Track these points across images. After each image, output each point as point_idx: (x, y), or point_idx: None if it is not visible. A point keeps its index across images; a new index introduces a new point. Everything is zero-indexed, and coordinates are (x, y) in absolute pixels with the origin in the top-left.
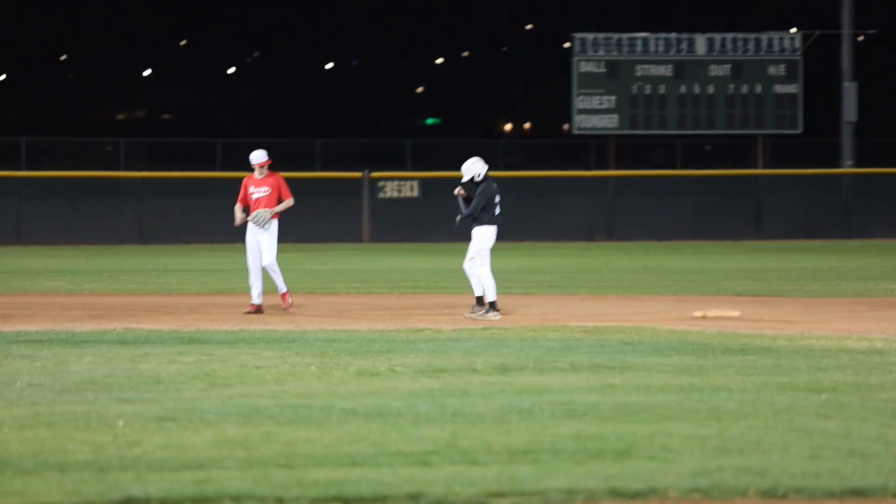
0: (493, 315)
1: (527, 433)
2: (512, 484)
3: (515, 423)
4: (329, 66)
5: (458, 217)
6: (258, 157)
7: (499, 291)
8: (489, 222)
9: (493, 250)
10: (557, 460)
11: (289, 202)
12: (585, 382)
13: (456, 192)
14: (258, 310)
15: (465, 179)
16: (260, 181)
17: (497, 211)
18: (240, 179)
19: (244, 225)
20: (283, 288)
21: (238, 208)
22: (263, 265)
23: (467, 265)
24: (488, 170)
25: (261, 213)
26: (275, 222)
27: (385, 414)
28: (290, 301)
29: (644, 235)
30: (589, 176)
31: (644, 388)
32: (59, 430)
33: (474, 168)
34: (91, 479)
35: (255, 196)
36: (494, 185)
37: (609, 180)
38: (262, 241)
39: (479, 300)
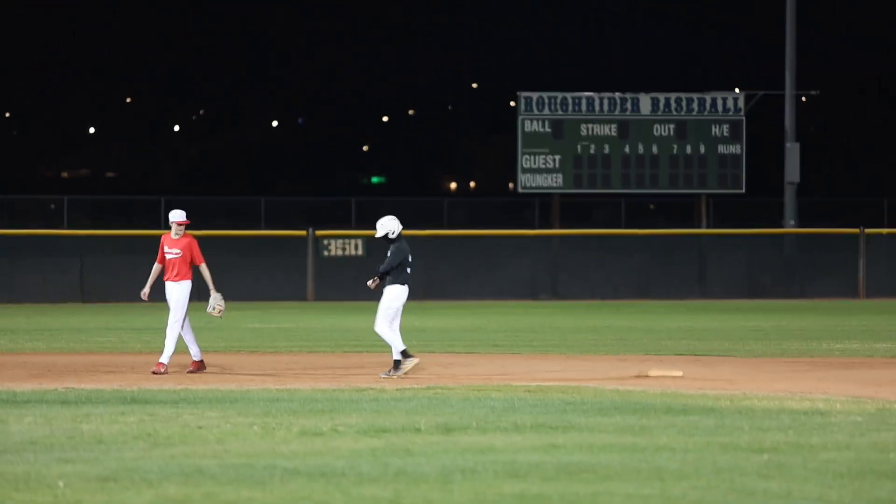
0: (406, 364)
1: (470, 493)
2: None
3: (459, 482)
4: (274, 123)
5: (372, 281)
6: (177, 216)
7: (442, 349)
8: (401, 282)
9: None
10: None
11: (204, 269)
12: (528, 442)
13: (371, 284)
14: (200, 366)
15: (378, 235)
16: (174, 242)
17: (408, 271)
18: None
19: (151, 293)
20: (168, 355)
21: (156, 269)
22: (173, 323)
23: (379, 328)
24: (402, 230)
25: (217, 302)
26: (188, 285)
27: (328, 474)
28: (164, 370)
29: (588, 294)
30: (533, 234)
31: (587, 448)
32: None
33: (389, 225)
34: None
35: (168, 257)
36: (406, 245)
37: (553, 239)
38: (173, 302)
39: (404, 353)
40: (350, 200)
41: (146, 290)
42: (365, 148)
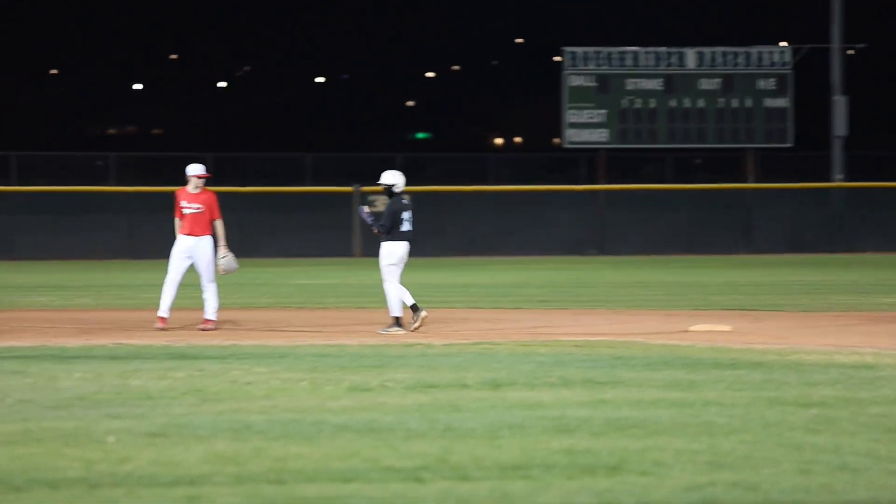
0: (395, 330)
1: (518, 448)
2: (503, 499)
3: (507, 438)
4: (320, 80)
5: (374, 229)
6: (197, 169)
7: (489, 305)
8: (396, 238)
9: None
10: (549, 475)
11: (220, 224)
12: (577, 397)
13: (364, 214)
14: (165, 325)
15: (381, 182)
16: (193, 196)
17: (406, 227)
18: (232, 195)
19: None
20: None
21: (176, 224)
22: (208, 283)
23: (385, 284)
24: (405, 187)
25: (231, 262)
26: (211, 241)
27: (376, 429)
28: (213, 326)
29: (634, 249)
30: (579, 190)
31: (635, 403)
32: (49, 446)
33: (394, 178)
34: (82, 495)
35: (187, 212)
36: (404, 201)
37: (599, 194)
38: (204, 261)
39: (414, 307)
40: (395, 156)
41: (177, 246)
42: (410, 104)
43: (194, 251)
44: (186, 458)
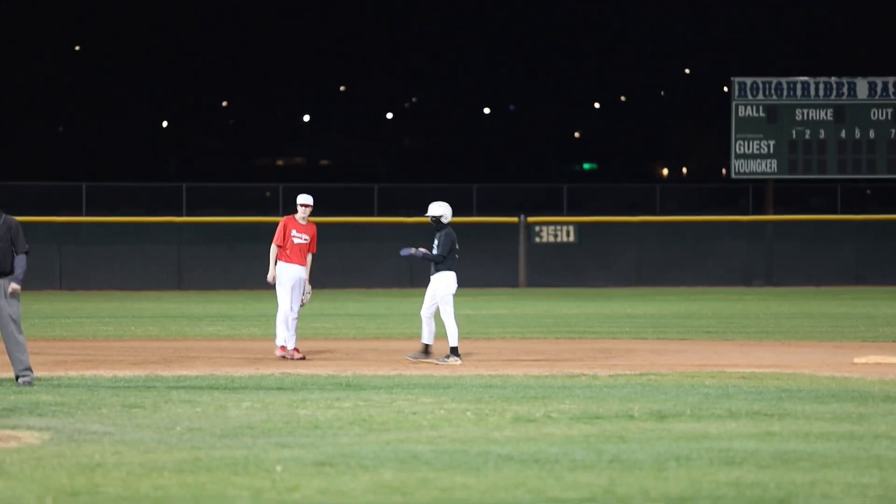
0: (454, 360)
1: (685, 480)
2: None
3: (673, 469)
4: (486, 111)
5: (421, 254)
6: (307, 200)
7: (655, 336)
8: (452, 268)
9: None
10: None
11: (310, 258)
12: (744, 429)
13: (417, 250)
14: (287, 353)
15: (432, 214)
16: (303, 227)
17: (456, 256)
18: (398, 225)
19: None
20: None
21: (274, 251)
22: (296, 313)
23: (426, 312)
24: (451, 219)
25: (310, 292)
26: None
27: (542, 460)
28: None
29: (802, 281)
30: (747, 220)
31: (803, 436)
32: (218, 474)
33: (442, 209)
34: None
35: (296, 241)
36: (454, 233)
37: (767, 225)
38: (300, 291)
39: (427, 348)
40: (562, 187)
41: (273, 273)
42: (577, 135)
43: (295, 278)
44: (353, 488)
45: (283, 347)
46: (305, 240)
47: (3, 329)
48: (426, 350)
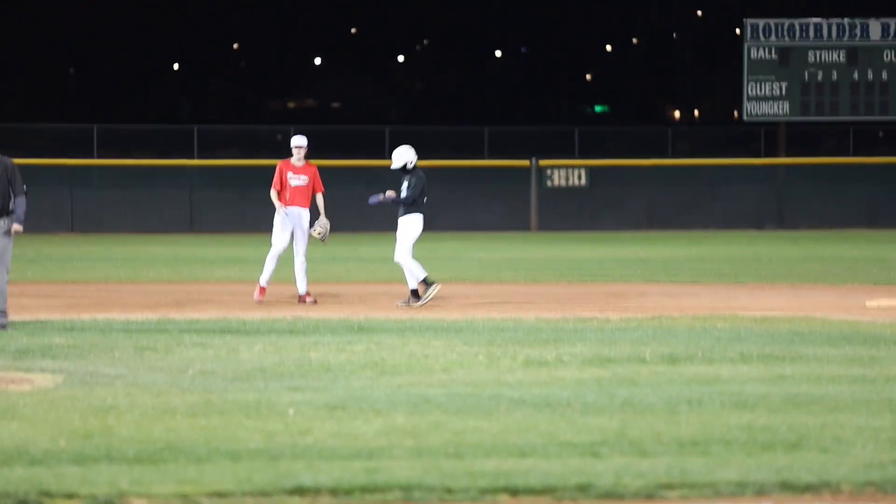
0: (414, 302)
1: (697, 424)
2: (682, 475)
3: (685, 413)
4: (497, 53)
5: (391, 199)
6: (300, 141)
7: (667, 279)
8: (420, 211)
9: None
10: (728, 452)
11: (321, 197)
12: (755, 373)
13: (385, 196)
14: (264, 294)
15: (395, 166)
16: (299, 168)
17: (425, 200)
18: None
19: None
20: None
21: (274, 195)
22: (303, 255)
23: (401, 257)
24: (417, 160)
25: (325, 228)
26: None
27: (553, 404)
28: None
29: (814, 223)
30: (759, 164)
31: (815, 379)
32: (230, 417)
33: (407, 155)
34: (263, 467)
35: (293, 183)
36: (423, 175)
37: (779, 168)
38: (302, 232)
39: (426, 280)
40: (573, 130)
41: (281, 207)
42: (588, 77)
43: (297, 222)
44: (365, 431)
45: (262, 288)
46: (304, 180)
47: None
48: (416, 294)
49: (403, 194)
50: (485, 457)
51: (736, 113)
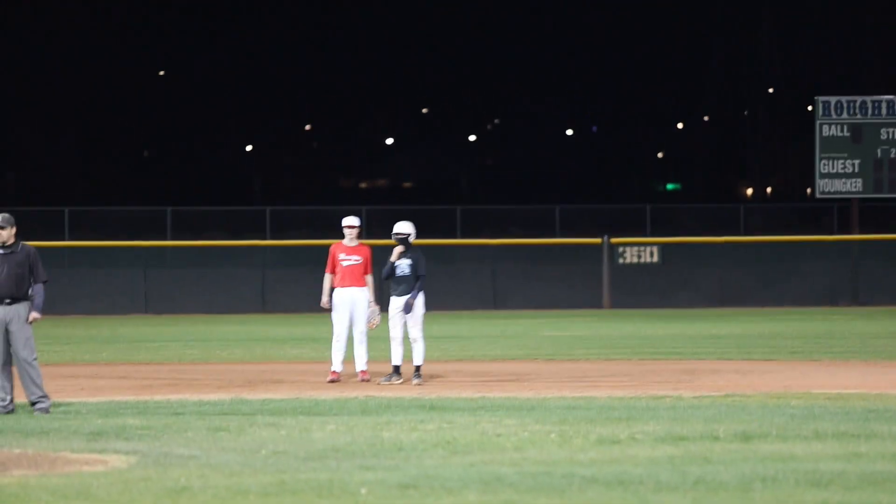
0: (395, 379)
1: (771, 501)
2: None
3: (759, 491)
4: (569, 132)
5: (416, 293)
6: (352, 221)
7: (740, 357)
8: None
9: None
10: None
11: (371, 279)
12: (830, 450)
13: (411, 299)
14: (338, 378)
15: (403, 232)
16: (351, 249)
17: None
18: (485, 247)
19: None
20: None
21: (328, 279)
22: (363, 335)
23: (420, 334)
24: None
25: (374, 315)
26: (367, 292)
27: (626, 482)
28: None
29: (890, 300)
30: (832, 240)
31: (891, 457)
32: (303, 497)
33: (412, 227)
34: None
35: (345, 264)
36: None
37: (853, 244)
38: (360, 313)
39: (397, 369)
40: (645, 207)
41: (325, 299)
42: (660, 155)
43: (355, 302)
44: None
45: (334, 372)
46: (357, 261)
47: (16, 356)
48: (396, 371)
49: (405, 272)
50: None
51: (808, 190)
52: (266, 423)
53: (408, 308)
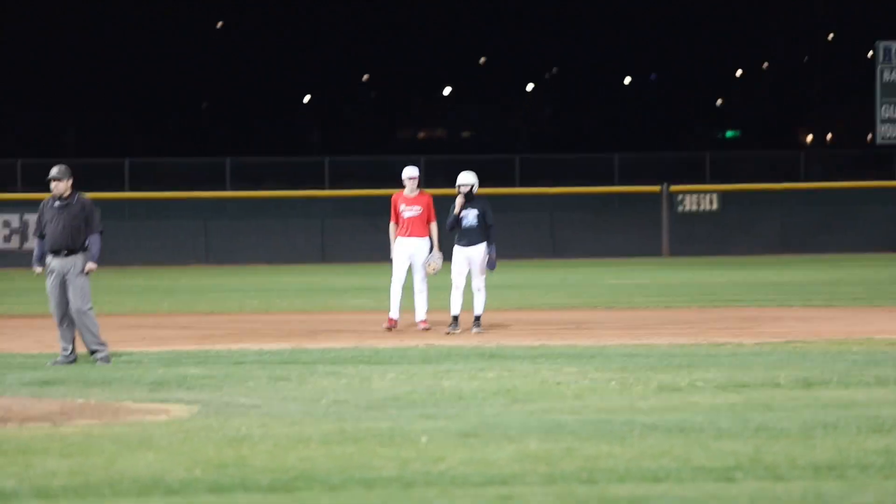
0: (454, 329)
1: (832, 448)
2: (818, 500)
3: (820, 437)
4: (627, 80)
5: (494, 250)
6: (411, 172)
7: (801, 303)
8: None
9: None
10: (864, 476)
11: (434, 226)
12: (892, 396)
13: (493, 255)
14: (394, 325)
15: (469, 185)
16: (411, 199)
17: None
18: (541, 196)
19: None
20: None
21: (392, 228)
22: (423, 284)
23: (483, 284)
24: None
25: (437, 261)
26: (428, 242)
27: (687, 429)
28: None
29: None
30: (893, 185)
31: None
32: (364, 445)
33: (475, 179)
34: (397, 494)
35: (406, 215)
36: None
37: None
38: (420, 262)
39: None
40: (705, 155)
41: (395, 249)
42: (719, 102)
43: (415, 251)
44: (498, 458)
45: (391, 319)
46: (417, 211)
47: (72, 305)
48: (457, 320)
49: (472, 223)
50: (618, 482)
51: (869, 136)
52: (326, 373)
53: (492, 264)
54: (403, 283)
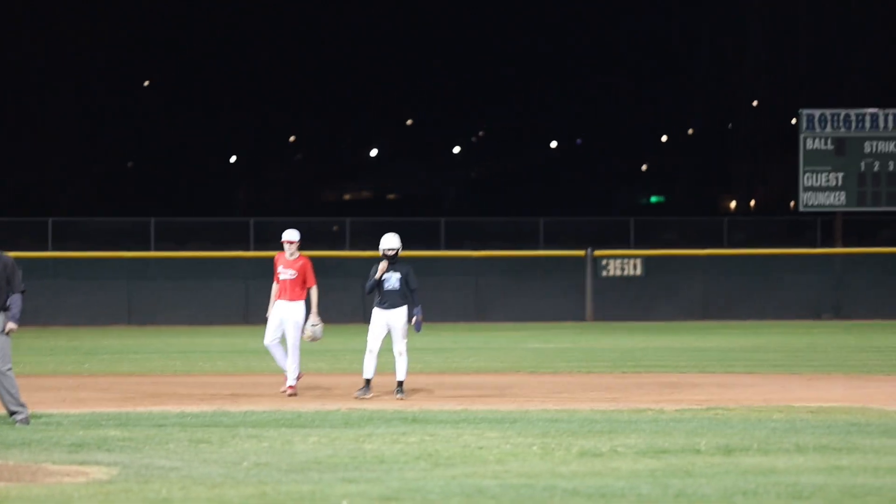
0: (367, 394)
1: None
2: None
3: None
4: (553, 144)
5: (420, 312)
6: (288, 235)
7: (722, 370)
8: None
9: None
10: None
11: (314, 291)
12: (812, 463)
13: (419, 318)
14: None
15: (391, 252)
16: (289, 262)
17: None
18: (468, 259)
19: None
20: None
21: (275, 289)
22: (293, 348)
23: (403, 346)
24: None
25: (314, 330)
26: (303, 306)
27: (608, 495)
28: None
29: (871, 314)
30: (815, 253)
31: (872, 471)
32: None
33: (399, 242)
34: None
35: (282, 277)
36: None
37: (836, 258)
38: (291, 325)
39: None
40: (629, 220)
41: (271, 310)
42: (643, 167)
43: (287, 314)
44: None
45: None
46: (292, 274)
47: None
48: (369, 384)
49: (394, 286)
50: None
51: (792, 203)
52: (248, 435)
53: (418, 326)
54: (273, 342)
